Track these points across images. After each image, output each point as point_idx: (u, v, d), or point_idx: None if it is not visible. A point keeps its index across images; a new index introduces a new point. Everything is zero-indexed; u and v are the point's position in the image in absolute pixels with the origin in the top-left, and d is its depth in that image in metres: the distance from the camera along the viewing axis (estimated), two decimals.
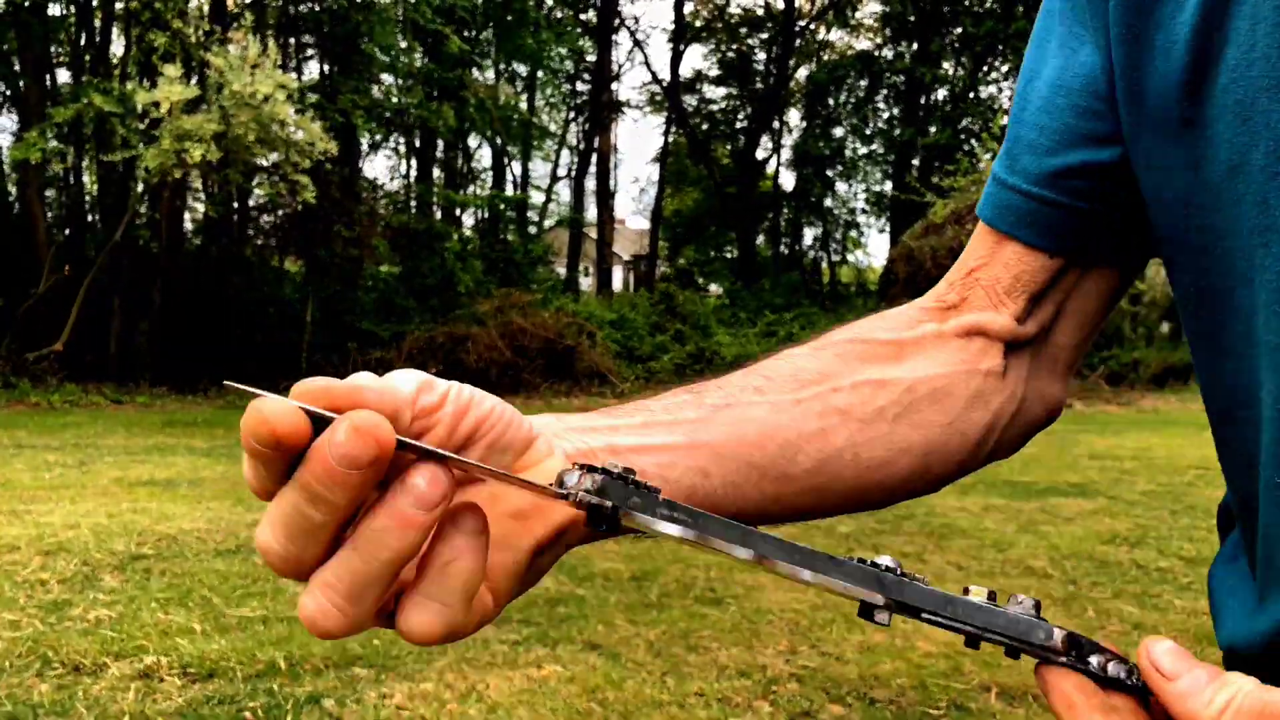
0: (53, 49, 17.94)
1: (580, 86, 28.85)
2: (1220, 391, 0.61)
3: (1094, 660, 0.45)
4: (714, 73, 30.36)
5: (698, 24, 29.75)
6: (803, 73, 29.69)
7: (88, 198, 18.66)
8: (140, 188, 14.66)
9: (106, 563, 4.93)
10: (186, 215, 18.68)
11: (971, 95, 25.89)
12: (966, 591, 0.46)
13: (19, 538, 5.36)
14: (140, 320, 16.14)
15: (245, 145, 12.16)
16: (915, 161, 26.14)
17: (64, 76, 18.18)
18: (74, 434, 10.27)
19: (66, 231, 17.74)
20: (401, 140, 23.50)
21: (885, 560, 0.46)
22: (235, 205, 18.81)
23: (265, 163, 14.63)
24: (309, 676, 3.53)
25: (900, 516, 6.57)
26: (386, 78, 19.66)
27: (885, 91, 28.57)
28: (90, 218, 18.47)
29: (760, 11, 29.42)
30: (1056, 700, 0.45)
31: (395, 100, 19.50)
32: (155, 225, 17.10)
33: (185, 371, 15.48)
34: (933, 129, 25.52)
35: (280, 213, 18.96)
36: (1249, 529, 0.61)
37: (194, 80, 13.23)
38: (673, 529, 0.45)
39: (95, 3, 16.95)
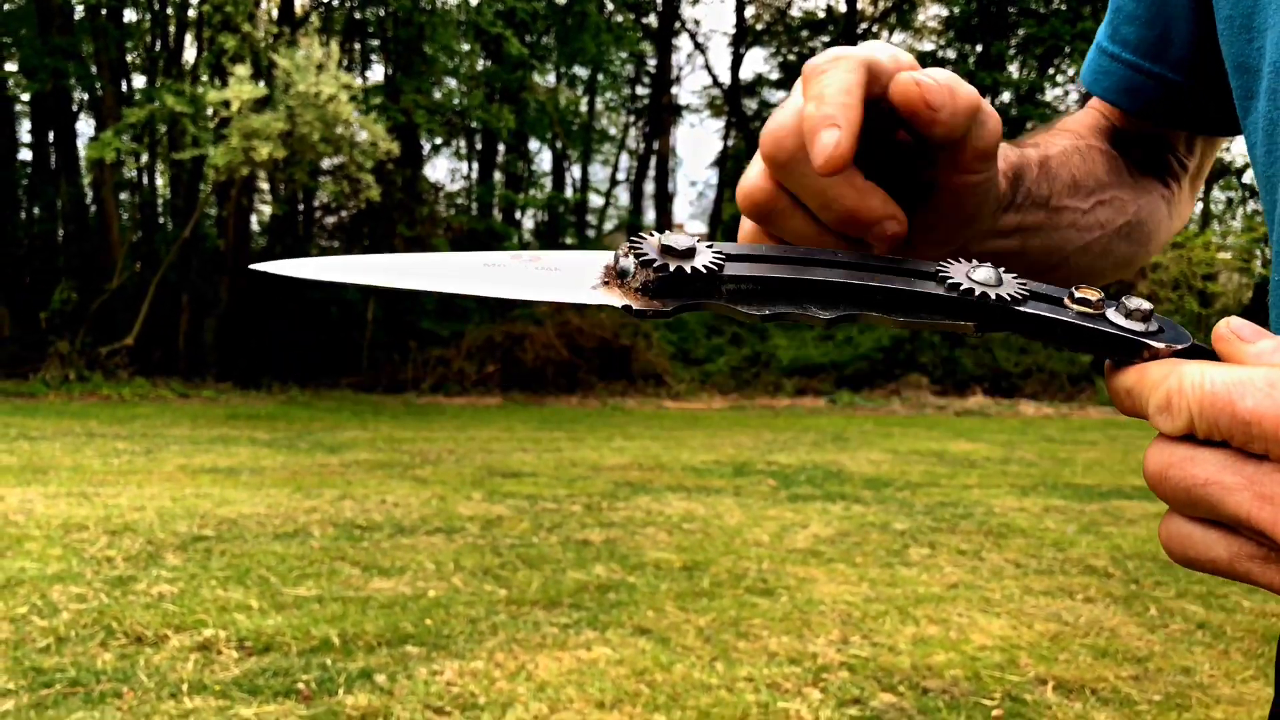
0: (129, 57, 18.48)
1: (640, 90, 28.92)
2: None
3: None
4: (775, 76, 30.21)
5: (759, 27, 29.65)
6: None
7: (160, 199, 19.18)
8: (209, 187, 15.02)
9: (169, 543, 5.04)
10: (253, 216, 19.10)
11: (1036, 97, 25.44)
12: (1070, 297, 0.45)
13: (88, 518, 5.52)
14: (207, 317, 16.53)
15: (310, 144, 12.39)
16: None
17: (139, 82, 18.73)
18: (142, 424, 10.54)
19: (140, 233, 18.24)
20: (463, 143, 23.78)
21: (983, 275, 0.45)
22: (300, 206, 19.19)
23: (330, 164, 14.90)
24: (361, 653, 3.58)
25: (958, 515, 6.48)
26: (449, 81, 19.91)
27: None
28: (161, 220, 18.98)
29: (822, 14, 29.25)
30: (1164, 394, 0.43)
31: (457, 102, 19.73)
32: (223, 224, 17.50)
33: (250, 367, 15.80)
34: None
35: (344, 213, 19.29)
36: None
37: (262, 82, 13.53)
38: (738, 311, 0.45)
39: (170, 10, 17.42)
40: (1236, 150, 24.93)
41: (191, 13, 17.04)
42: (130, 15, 17.85)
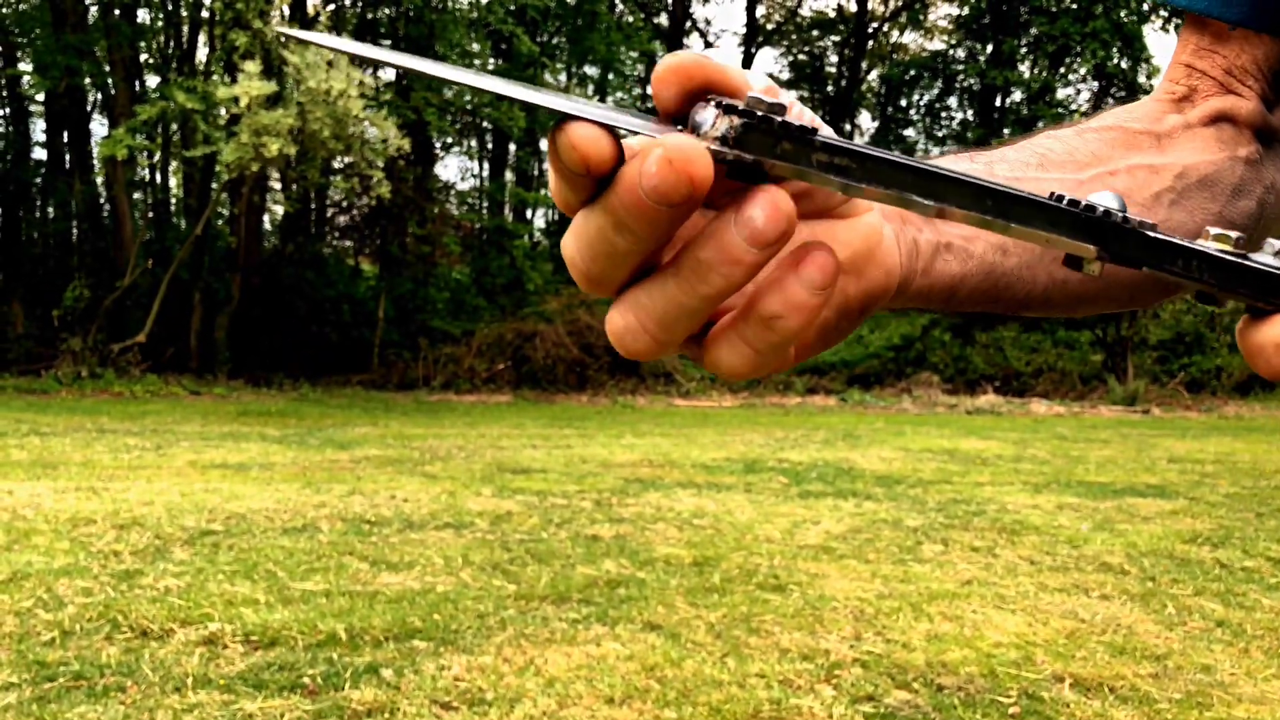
0: (142, 56, 18.53)
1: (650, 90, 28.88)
2: None
3: None
4: (785, 75, 30.15)
5: (769, 26, 29.60)
6: (874, 74, 29.35)
7: (172, 198, 19.23)
8: (220, 185, 15.03)
9: (177, 537, 5.02)
10: (265, 215, 19.13)
11: (1047, 96, 25.30)
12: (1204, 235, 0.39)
13: (96, 512, 5.50)
14: (219, 315, 16.55)
15: (321, 141, 12.39)
16: None
17: (152, 81, 18.77)
18: (153, 420, 10.54)
19: (152, 231, 18.29)
20: (474, 142, 23.79)
21: (1105, 200, 0.39)
22: (313, 205, 19.20)
23: (340, 163, 14.89)
24: (368, 647, 3.54)
25: (971, 513, 6.42)
26: None
27: (958, 93, 28.10)
28: (174, 218, 19.03)
29: (832, 14, 29.18)
30: None
31: (467, 100, 19.72)
32: (235, 222, 17.53)
33: (261, 365, 15.82)
34: (1006, 131, 25.02)
35: (355, 212, 19.30)
36: None
37: (272, 79, 13.53)
38: (832, 180, 0.38)
39: (184, 11, 17.45)
40: None
41: (204, 14, 17.07)
42: (144, 15, 17.91)
